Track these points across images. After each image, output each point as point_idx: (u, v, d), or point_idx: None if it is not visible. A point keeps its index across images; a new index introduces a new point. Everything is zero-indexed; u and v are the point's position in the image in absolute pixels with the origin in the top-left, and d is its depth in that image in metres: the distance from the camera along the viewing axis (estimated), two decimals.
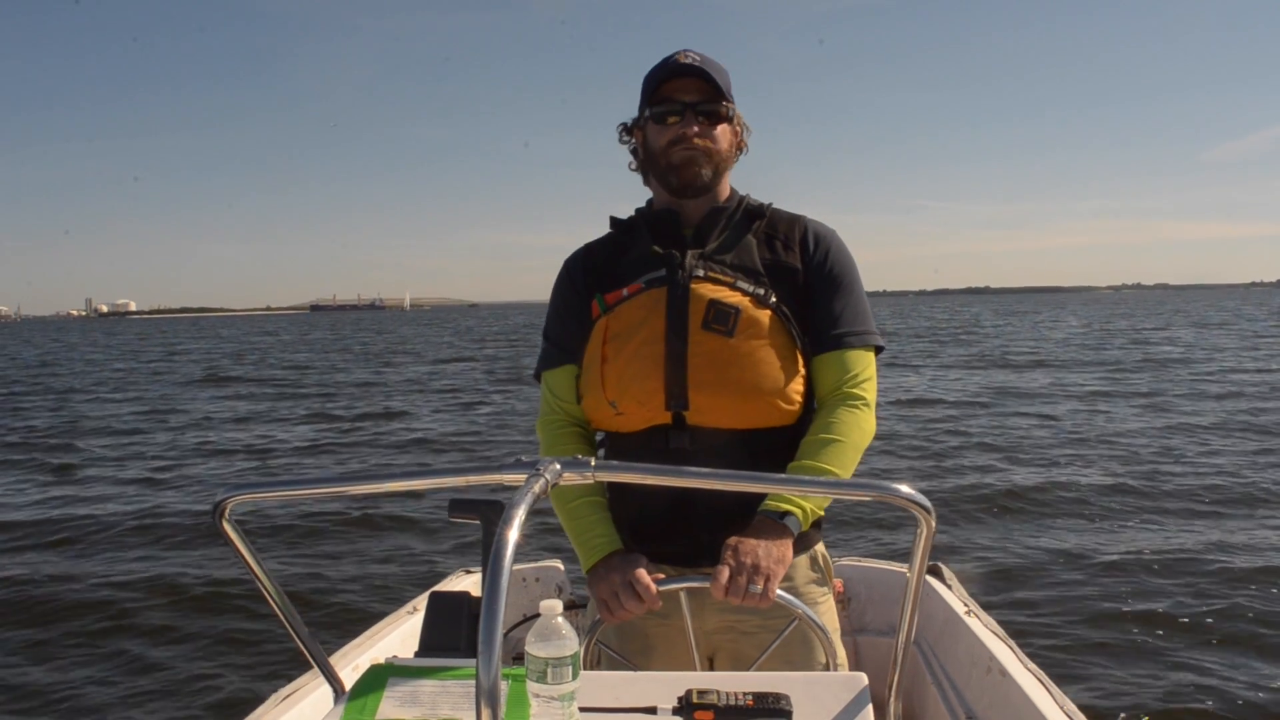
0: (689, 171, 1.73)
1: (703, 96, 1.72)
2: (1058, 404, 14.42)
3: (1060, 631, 4.82)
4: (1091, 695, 4.03)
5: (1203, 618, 4.98)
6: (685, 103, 1.72)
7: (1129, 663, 4.44)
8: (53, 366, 33.01)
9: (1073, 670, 4.29)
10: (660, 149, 1.74)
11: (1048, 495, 7.96)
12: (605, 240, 1.86)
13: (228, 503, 1.14)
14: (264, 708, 1.86)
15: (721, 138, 1.74)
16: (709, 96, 1.72)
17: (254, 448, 12.08)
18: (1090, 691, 4.07)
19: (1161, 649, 4.60)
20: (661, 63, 1.75)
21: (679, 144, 1.72)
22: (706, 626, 1.72)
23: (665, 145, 1.73)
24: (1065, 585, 5.54)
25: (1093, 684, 4.19)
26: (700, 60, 1.71)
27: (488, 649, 0.78)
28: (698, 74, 1.70)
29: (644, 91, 1.77)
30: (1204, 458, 9.52)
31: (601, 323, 1.72)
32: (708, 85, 1.71)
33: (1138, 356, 23.77)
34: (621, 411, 1.70)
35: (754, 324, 1.66)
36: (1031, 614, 5.04)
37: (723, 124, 1.74)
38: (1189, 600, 5.25)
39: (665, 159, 1.74)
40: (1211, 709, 3.98)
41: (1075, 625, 4.91)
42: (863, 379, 1.71)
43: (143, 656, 4.78)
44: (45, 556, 6.73)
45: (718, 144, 1.74)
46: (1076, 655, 4.51)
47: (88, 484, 9.66)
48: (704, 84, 1.71)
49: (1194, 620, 4.96)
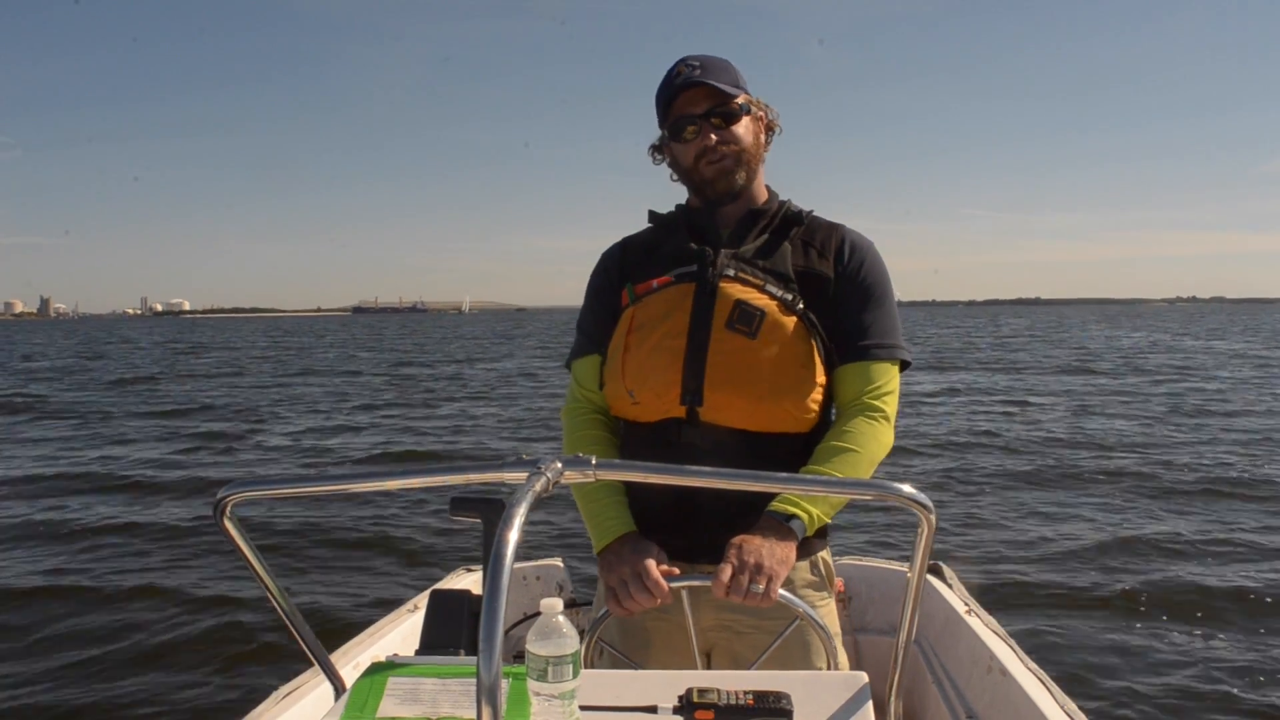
0: (723, 182, 1.74)
1: (711, 103, 1.71)
2: (1057, 403, 14.42)
3: (1061, 631, 4.82)
4: (1092, 695, 4.03)
5: (1205, 618, 4.98)
6: (696, 115, 1.71)
7: (1130, 662, 4.44)
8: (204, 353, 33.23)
9: (1073, 670, 4.29)
10: (690, 166, 1.75)
11: (1049, 495, 7.96)
12: (643, 234, 1.87)
13: (228, 500, 1.14)
14: (264, 705, 1.86)
15: (744, 134, 1.74)
16: (717, 101, 1.71)
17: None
18: (1091, 691, 4.07)
19: (1163, 649, 4.60)
20: (664, 80, 1.75)
21: (705, 157, 1.73)
22: (703, 624, 1.72)
23: (693, 162, 1.74)
24: (1066, 585, 5.54)
25: (1093, 684, 4.19)
26: (700, 66, 1.71)
27: (488, 647, 0.78)
28: (699, 84, 1.70)
29: (658, 112, 1.77)
30: (1215, 460, 9.50)
31: (629, 312, 1.74)
32: (712, 90, 1.70)
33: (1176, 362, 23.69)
34: (638, 401, 1.71)
35: (778, 328, 1.66)
36: (1032, 613, 5.04)
37: (740, 120, 1.74)
38: (1191, 601, 5.25)
39: (698, 175, 1.75)
40: (1213, 709, 3.98)
41: (1076, 625, 4.91)
42: (885, 391, 1.70)
43: (143, 654, 4.78)
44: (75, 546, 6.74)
45: (742, 142, 1.74)
46: (1077, 655, 4.51)
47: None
48: (708, 90, 1.71)
49: (1196, 621, 4.96)
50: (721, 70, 1.73)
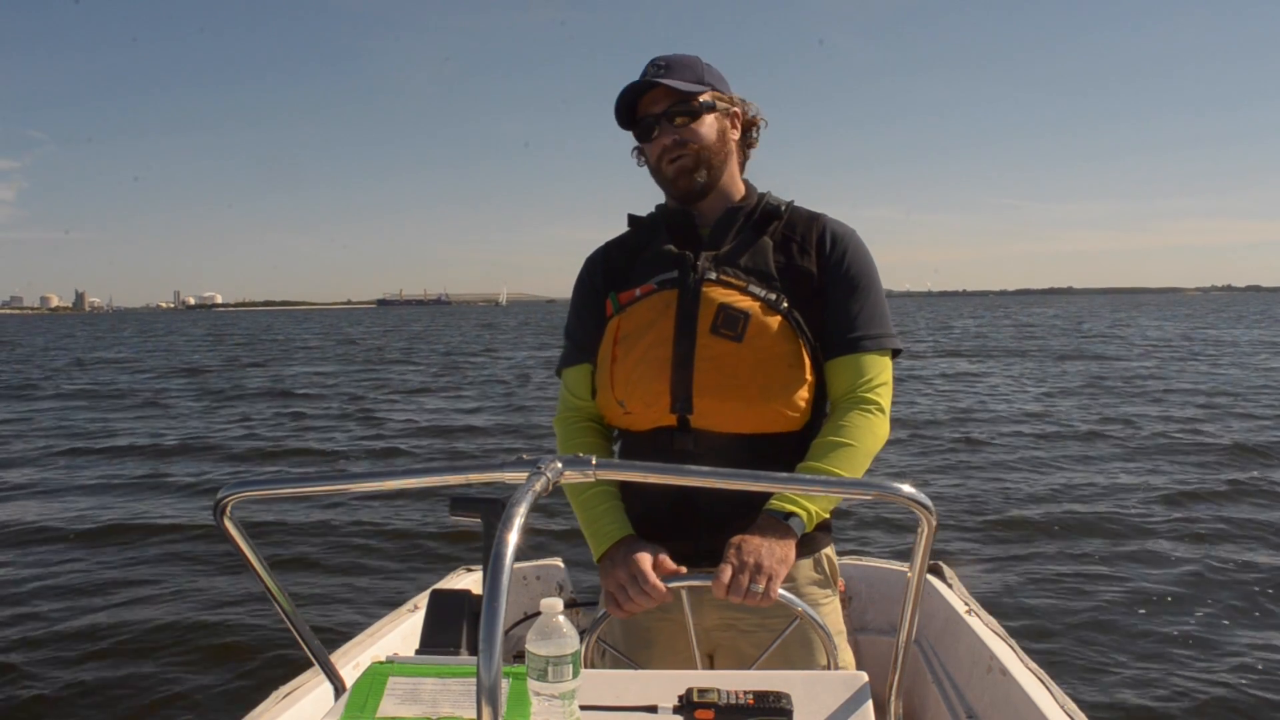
0: (684, 181, 1.74)
1: (670, 101, 1.71)
2: (1059, 402, 14.41)
3: (1061, 631, 4.82)
4: (1092, 695, 4.03)
5: (1207, 619, 4.98)
6: (655, 115, 1.72)
7: (1130, 662, 4.43)
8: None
9: (1073, 670, 4.29)
10: (654, 166, 1.76)
11: (1050, 494, 7.95)
12: (624, 238, 1.87)
13: (229, 500, 1.14)
14: (265, 705, 1.86)
15: (706, 132, 1.73)
16: (676, 99, 1.71)
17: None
18: (1091, 691, 4.07)
19: (1163, 649, 4.59)
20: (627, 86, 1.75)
21: (665, 155, 1.73)
22: (706, 623, 1.72)
23: (657, 162, 1.75)
24: (1067, 585, 5.54)
25: (1094, 684, 4.18)
26: (666, 65, 1.70)
27: (489, 647, 0.78)
28: (652, 85, 1.70)
29: (619, 116, 1.76)
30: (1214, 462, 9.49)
31: (613, 322, 1.73)
32: (669, 89, 1.70)
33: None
34: (629, 411, 1.71)
35: (763, 330, 1.65)
36: (1032, 613, 5.04)
37: (704, 116, 1.73)
38: (1192, 602, 5.24)
39: (661, 174, 1.76)
40: (1214, 709, 3.98)
41: (1076, 625, 4.90)
42: (877, 383, 1.70)
43: (143, 654, 4.78)
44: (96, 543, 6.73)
45: (702, 140, 1.73)
46: (1077, 655, 4.51)
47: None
48: (666, 89, 1.70)
49: (1197, 621, 4.95)
50: (684, 68, 1.72)
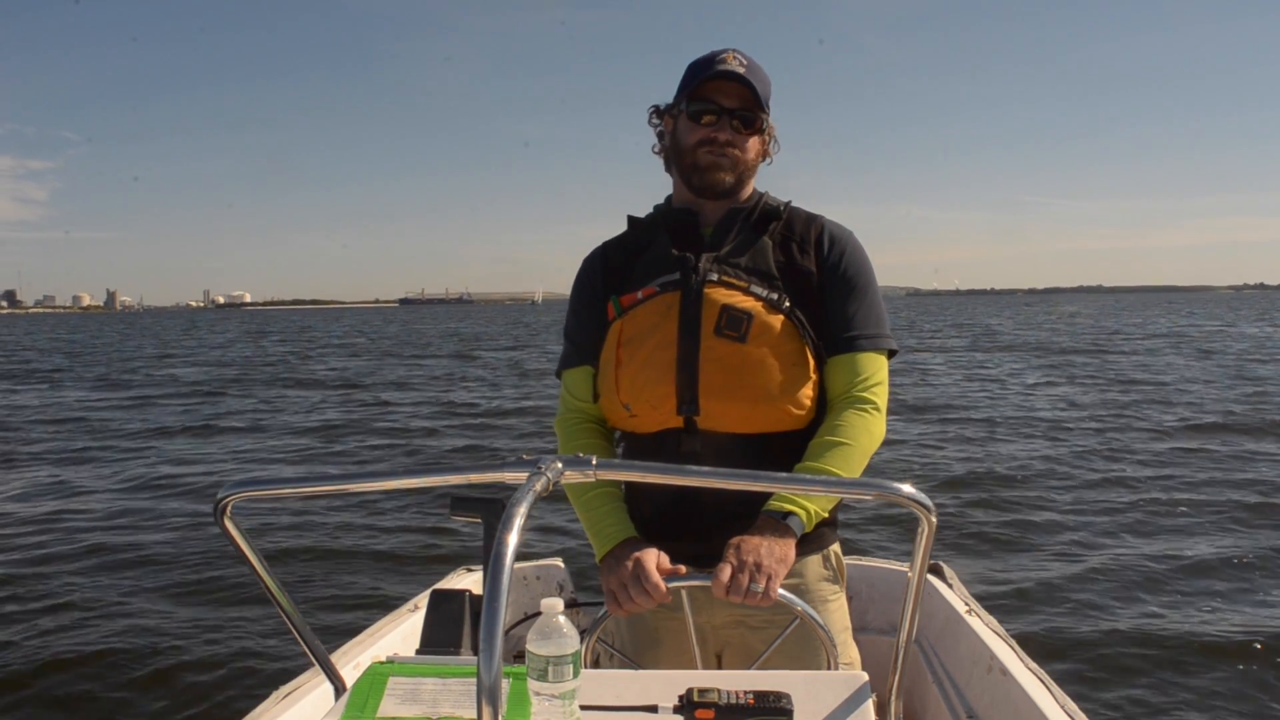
0: (713, 175, 1.73)
1: (742, 104, 1.71)
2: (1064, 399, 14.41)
3: (1061, 631, 4.81)
4: (1092, 695, 4.03)
5: (1208, 619, 4.98)
6: (724, 107, 1.71)
7: (1130, 663, 4.43)
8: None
9: (1074, 670, 4.28)
10: (688, 146, 1.74)
11: (1051, 495, 7.95)
12: (623, 239, 1.86)
13: (229, 500, 1.14)
14: (265, 705, 1.86)
15: (751, 148, 1.74)
16: (748, 105, 1.71)
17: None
18: (1091, 691, 4.07)
19: (1163, 650, 4.58)
20: (707, 59, 1.73)
21: (707, 146, 1.72)
22: (715, 621, 1.73)
23: (694, 144, 1.73)
24: (1067, 585, 5.53)
25: (1093, 684, 4.18)
26: (746, 67, 1.70)
27: (489, 647, 0.78)
28: (742, 81, 1.69)
29: (684, 83, 1.75)
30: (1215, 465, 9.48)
31: (616, 326, 1.73)
32: (749, 93, 1.70)
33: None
34: (635, 414, 1.71)
35: (767, 330, 1.66)
36: (1033, 613, 5.04)
37: (756, 134, 1.74)
38: (1194, 601, 5.24)
39: (691, 157, 1.74)
40: (1215, 709, 3.97)
41: (1077, 625, 4.90)
42: (873, 382, 1.70)
43: (143, 654, 4.77)
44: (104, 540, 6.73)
45: (746, 154, 1.74)
46: (1077, 655, 4.51)
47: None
48: (745, 91, 1.70)
49: (1198, 621, 4.95)
50: (762, 80, 1.72)
